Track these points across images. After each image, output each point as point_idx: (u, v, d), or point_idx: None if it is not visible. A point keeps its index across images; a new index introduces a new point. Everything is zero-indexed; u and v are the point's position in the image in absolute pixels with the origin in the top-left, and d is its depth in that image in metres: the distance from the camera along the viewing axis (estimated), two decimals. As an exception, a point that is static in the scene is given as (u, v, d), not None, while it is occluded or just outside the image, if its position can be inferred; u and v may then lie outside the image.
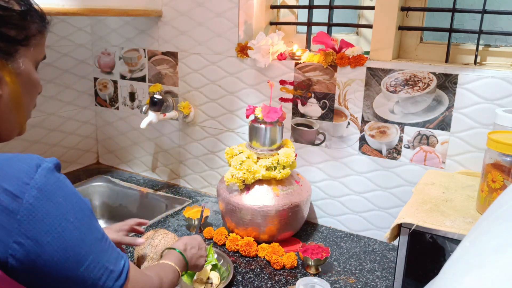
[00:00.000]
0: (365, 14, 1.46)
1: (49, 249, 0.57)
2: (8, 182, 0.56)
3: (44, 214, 0.57)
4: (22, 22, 0.66)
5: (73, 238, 0.59)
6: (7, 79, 0.65)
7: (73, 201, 0.61)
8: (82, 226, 0.61)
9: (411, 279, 0.95)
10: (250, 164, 1.25)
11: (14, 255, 0.55)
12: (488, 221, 0.51)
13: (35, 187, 0.57)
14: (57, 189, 0.60)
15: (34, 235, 0.56)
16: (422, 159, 1.27)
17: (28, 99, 0.71)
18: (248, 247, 1.25)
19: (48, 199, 0.58)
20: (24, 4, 0.67)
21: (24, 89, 0.69)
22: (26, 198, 0.56)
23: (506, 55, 1.25)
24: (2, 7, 0.63)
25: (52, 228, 0.57)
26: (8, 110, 0.68)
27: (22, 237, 0.55)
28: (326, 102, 1.38)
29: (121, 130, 1.88)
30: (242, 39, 1.50)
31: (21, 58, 0.67)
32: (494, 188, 0.91)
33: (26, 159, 0.59)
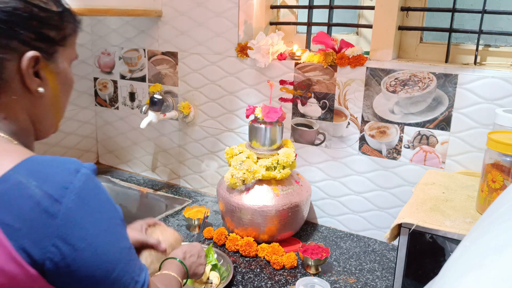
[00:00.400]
0: (365, 14, 1.46)
1: (84, 255, 0.57)
2: (49, 185, 0.56)
3: (80, 219, 0.58)
4: (60, 23, 0.68)
5: (106, 245, 0.60)
6: (48, 78, 0.68)
7: (107, 208, 0.62)
8: (114, 234, 0.62)
9: (411, 279, 0.95)
10: (250, 164, 1.25)
11: (52, 258, 0.56)
12: (488, 221, 0.51)
13: (74, 192, 0.57)
14: (94, 195, 0.60)
15: (71, 239, 0.56)
16: (422, 159, 1.27)
17: (64, 97, 0.74)
18: (248, 247, 1.25)
19: (85, 205, 0.58)
20: (60, 5, 0.69)
21: (62, 88, 0.72)
22: (65, 202, 0.56)
23: (506, 55, 1.25)
24: (42, 9, 0.65)
25: (87, 234, 0.58)
26: (48, 109, 0.71)
27: (59, 240, 0.56)
28: (326, 102, 1.38)
29: (121, 130, 1.88)
30: (242, 39, 1.50)
31: (59, 58, 0.69)
32: (494, 188, 0.91)
33: (66, 163, 0.60)
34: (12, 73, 0.64)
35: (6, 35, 0.62)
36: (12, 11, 0.62)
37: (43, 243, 0.55)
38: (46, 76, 0.68)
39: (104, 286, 0.60)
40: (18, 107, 0.67)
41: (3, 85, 0.64)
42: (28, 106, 0.68)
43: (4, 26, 0.62)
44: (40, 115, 0.70)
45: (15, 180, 0.56)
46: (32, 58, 0.64)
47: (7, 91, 0.65)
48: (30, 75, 0.65)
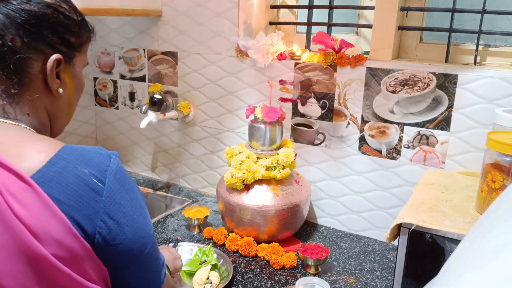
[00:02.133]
0: (365, 14, 1.46)
1: (126, 229, 0.64)
2: (92, 168, 0.63)
3: (120, 197, 0.64)
4: (79, 30, 0.75)
5: (141, 221, 0.67)
6: (67, 80, 0.75)
7: (135, 188, 0.69)
8: (144, 212, 0.69)
9: (411, 279, 0.95)
10: (249, 164, 1.25)
11: (101, 232, 0.62)
12: (488, 221, 0.51)
13: (112, 173, 0.64)
14: (126, 177, 0.67)
15: (115, 215, 0.63)
16: (422, 159, 1.27)
17: (76, 99, 0.81)
18: (247, 247, 1.25)
19: (121, 185, 0.65)
20: (80, 15, 0.77)
21: (76, 90, 0.79)
22: (107, 182, 0.63)
23: (506, 55, 1.25)
24: (67, 16, 0.72)
25: (126, 210, 0.65)
26: (63, 108, 0.77)
27: (106, 216, 0.62)
28: (326, 102, 1.38)
29: (121, 130, 1.88)
30: (242, 39, 1.50)
31: (76, 62, 0.76)
32: (493, 188, 0.91)
33: (99, 150, 0.66)
34: (36, 73, 0.69)
35: (35, 38, 0.67)
36: (42, 16, 0.68)
37: (93, 218, 0.61)
38: (65, 78, 0.74)
39: (139, 259, 0.68)
40: (39, 105, 0.72)
41: (28, 83, 0.69)
42: (48, 104, 0.74)
43: (33, 29, 0.67)
44: (56, 113, 0.76)
45: (63, 163, 0.62)
46: (56, 60, 0.70)
47: (31, 89, 0.70)
48: (52, 76, 0.71)
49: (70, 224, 0.59)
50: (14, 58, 0.66)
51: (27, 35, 0.67)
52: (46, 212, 0.58)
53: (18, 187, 0.58)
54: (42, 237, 0.58)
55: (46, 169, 0.61)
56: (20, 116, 0.70)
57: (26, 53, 0.67)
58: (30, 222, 0.57)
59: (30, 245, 0.57)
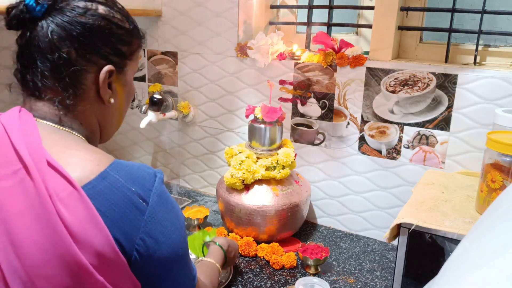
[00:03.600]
0: (365, 14, 1.46)
1: (163, 248, 0.65)
2: (138, 186, 0.64)
3: (161, 217, 0.66)
4: (131, 39, 0.75)
5: (178, 241, 0.68)
6: (118, 90, 0.75)
7: (176, 209, 0.70)
8: (182, 232, 0.70)
9: (411, 279, 0.95)
10: (249, 164, 1.25)
11: (138, 249, 0.63)
12: (488, 221, 0.51)
13: (156, 193, 0.65)
14: (168, 197, 0.68)
15: (154, 234, 0.64)
16: (422, 159, 1.27)
17: (127, 106, 0.82)
18: (247, 247, 1.25)
19: (164, 205, 0.66)
20: (132, 23, 0.76)
21: (126, 98, 0.80)
22: (150, 202, 0.64)
23: (506, 55, 1.25)
24: (119, 26, 0.72)
25: (166, 230, 0.66)
26: (113, 117, 0.78)
27: (145, 234, 0.63)
28: (326, 102, 1.38)
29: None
30: (241, 39, 1.50)
31: (128, 71, 0.77)
32: (493, 188, 0.91)
33: (145, 168, 0.67)
34: (90, 84, 0.70)
35: (88, 49, 0.68)
36: (97, 29, 0.69)
37: (133, 235, 0.63)
38: (116, 88, 0.75)
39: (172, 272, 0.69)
40: (91, 114, 0.73)
41: (82, 94, 0.70)
42: (99, 113, 0.74)
43: (88, 41, 0.68)
44: (107, 122, 0.77)
45: (112, 179, 0.63)
46: (108, 72, 0.71)
47: (85, 100, 0.71)
48: (105, 87, 0.72)
49: (111, 237, 0.60)
50: (69, 70, 0.67)
51: (82, 48, 0.67)
52: (91, 222, 0.59)
53: (68, 193, 0.59)
54: (83, 245, 0.59)
55: (96, 182, 0.62)
56: (74, 125, 0.71)
57: (81, 65, 0.68)
58: (74, 229, 0.59)
59: (71, 252, 0.58)
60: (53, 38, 0.66)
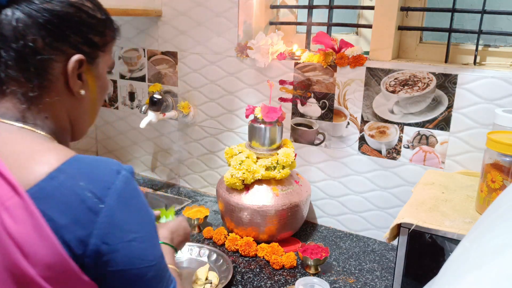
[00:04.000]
0: (365, 14, 1.46)
1: (117, 256, 0.59)
2: (93, 185, 0.58)
3: (120, 220, 0.59)
4: (103, 29, 0.72)
5: (139, 249, 0.61)
6: (89, 81, 0.71)
7: (144, 212, 0.63)
8: (148, 240, 0.63)
9: (411, 279, 0.95)
10: (249, 164, 1.25)
11: (90, 256, 0.57)
12: (488, 221, 0.51)
13: (116, 192, 0.59)
14: (133, 197, 0.62)
15: (109, 239, 0.58)
16: (422, 159, 1.27)
17: (100, 101, 0.77)
18: (247, 247, 1.25)
19: (125, 206, 0.60)
20: (104, 13, 0.73)
21: (99, 91, 0.75)
22: (107, 202, 0.58)
23: (506, 55, 1.25)
24: (91, 15, 0.69)
25: (124, 235, 0.59)
26: (86, 111, 0.74)
27: (99, 239, 0.57)
28: (326, 102, 1.38)
29: (121, 129, 1.88)
30: (241, 39, 1.50)
31: (100, 62, 0.73)
32: (493, 188, 0.91)
33: (108, 164, 0.61)
34: (57, 74, 0.66)
35: (57, 38, 0.65)
36: (65, 16, 0.65)
37: (85, 240, 0.57)
38: (88, 79, 0.71)
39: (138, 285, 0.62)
40: (60, 108, 0.69)
41: (48, 85, 0.66)
42: (69, 107, 0.70)
43: (56, 29, 0.64)
44: (78, 116, 0.73)
45: (63, 178, 0.57)
46: (77, 61, 0.67)
47: (52, 92, 0.67)
48: (74, 77, 0.68)
49: (59, 246, 0.55)
50: (35, 60, 0.64)
51: (49, 36, 0.64)
52: (36, 231, 0.55)
53: (14, 201, 0.55)
54: (31, 257, 0.55)
55: (44, 183, 0.57)
56: (38, 121, 0.66)
57: (48, 54, 0.64)
58: (21, 240, 0.54)
59: (19, 265, 0.54)
60: (18, 26, 0.62)
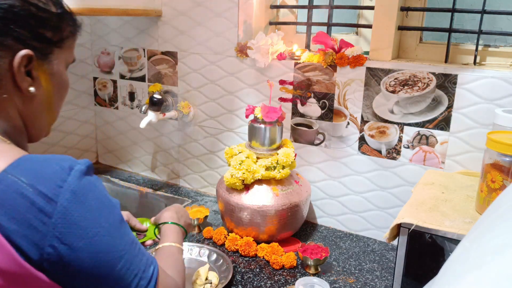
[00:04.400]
0: (365, 14, 1.46)
1: (81, 254, 0.57)
2: (43, 185, 0.56)
3: (77, 217, 0.57)
4: (58, 24, 0.68)
5: (104, 243, 0.59)
6: (42, 79, 0.67)
7: (105, 204, 0.61)
8: (113, 231, 0.61)
9: (410, 279, 0.95)
10: (249, 164, 1.25)
11: (49, 259, 0.55)
12: (488, 221, 0.51)
13: (69, 189, 0.57)
14: (90, 192, 0.59)
15: (68, 239, 0.56)
16: (422, 159, 1.27)
17: (58, 99, 0.73)
18: (247, 247, 1.25)
19: (81, 203, 0.58)
20: (60, 7, 0.69)
21: (55, 90, 0.71)
22: (60, 201, 0.56)
23: (506, 55, 1.25)
24: (41, 9, 0.65)
25: (85, 233, 0.57)
26: (41, 110, 0.70)
27: (56, 241, 0.55)
28: (326, 102, 1.38)
29: (121, 129, 1.88)
30: (241, 38, 1.50)
31: (55, 59, 0.69)
32: (493, 188, 0.91)
33: (60, 161, 0.59)
34: (3, 71, 0.63)
35: (0, 32, 0.61)
36: (8, 8, 0.62)
37: (40, 244, 0.54)
38: (39, 76, 0.67)
39: (107, 283, 0.60)
40: (9, 106, 0.66)
41: None
42: (20, 105, 0.67)
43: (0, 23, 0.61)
44: (32, 116, 0.69)
45: (10, 181, 0.55)
46: (24, 57, 0.63)
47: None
48: (21, 74, 0.64)
49: (12, 252, 0.53)
50: None
51: None
52: None
53: None
54: None
55: None
56: None
57: None
58: None
59: None
60: None
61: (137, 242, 0.66)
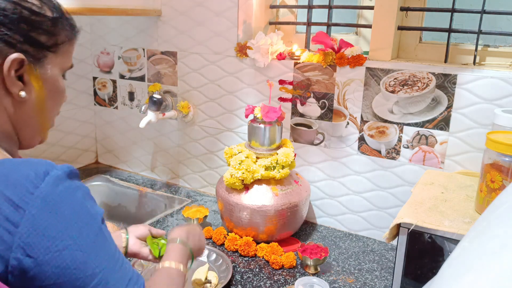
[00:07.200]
0: (365, 14, 1.46)
1: (47, 269, 0.52)
2: (12, 191, 0.52)
3: (45, 227, 0.52)
4: (53, 29, 0.66)
5: (75, 258, 0.54)
6: (34, 83, 0.65)
7: (80, 214, 0.56)
8: (86, 245, 0.55)
9: (410, 279, 0.95)
10: (249, 163, 1.25)
11: (12, 272, 0.51)
12: (487, 221, 0.51)
13: (40, 196, 0.53)
14: (64, 200, 0.55)
15: (33, 251, 0.51)
16: (421, 159, 1.27)
17: (51, 106, 0.71)
18: (247, 247, 1.25)
19: (51, 211, 0.53)
20: (57, 11, 0.67)
21: (49, 95, 0.69)
22: (29, 209, 0.52)
23: (505, 55, 1.25)
24: (35, 12, 0.64)
25: (52, 245, 0.52)
26: (32, 115, 0.67)
27: (20, 253, 0.51)
28: (325, 102, 1.38)
29: (120, 129, 1.88)
30: (241, 38, 1.50)
31: (49, 64, 0.67)
32: (492, 188, 0.91)
33: (35, 165, 0.55)
34: None
35: None
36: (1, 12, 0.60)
37: (4, 255, 0.51)
38: (31, 81, 0.65)
39: None
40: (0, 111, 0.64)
41: None
42: (10, 110, 0.65)
43: None
44: (23, 121, 0.67)
45: None
46: (15, 60, 0.62)
47: None
48: (12, 78, 0.62)
49: None
50: None
51: None
52: None
53: None
54: None
55: None
56: None
57: None
58: None
59: None
60: None
61: (121, 258, 0.60)
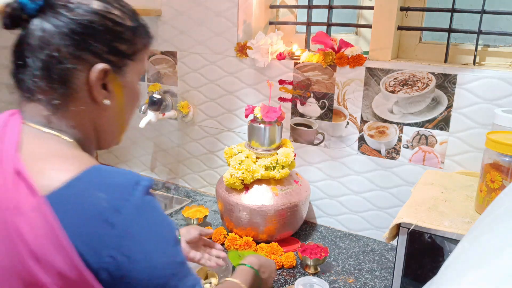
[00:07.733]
0: (364, 14, 1.46)
1: (138, 267, 0.57)
2: (111, 196, 0.57)
3: (138, 231, 0.58)
4: (132, 38, 0.70)
5: (160, 259, 0.60)
6: (116, 91, 0.69)
7: (164, 223, 0.62)
8: (168, 249, 0.62)
9: (410, 279, 0.95)
10: (249, 163, 1.25)
11: (107, 268, 0.56)
12: (487, 221, 0.51)
13: (133, 203, 0.58)
14: (152, 209, 0.60)
15: (127, 251, 0.56)
16: (421, 159, 1.27)
17: (129, 111, 0.76)
18: (247, 247, 1.25)
19: (143, 218, 0.59)
20: (136, 20, 0.71)
21: (127, 101, 0.73)
22: (124, 213, 0.57)
23: (505, 55, 1.25)
24: (117, 23, 0.67)
25: (143, 247, 0.58)
26: (112, 120, 0.72)
27: (116, 251, 0.56)
28: (325, 102, 1.38)
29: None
30: (241, 38, 1.50)
31: (129, 71, 0.71)
32: (492, 188, 0.91)
33: (127, 175, 0.60)
34: (81, 84, 0.65)
35: (79, 47, 0.64)
36: (88, 24, 0.64)
37: (100, 252, 0.55)
38: (114, 89, 0.69)
39: None
40: (85, 117, 0.68)
41: (72, 94, 0.65)
42: (94, 116, 0.69)
43: (78, 37, 0.63)
44: (104, 125, 0.71)
45: (80, 188, 0.57)
46: (101, 71, 0.65)
47: (77, 101, 0.66)
48: (98, 87, 0.66)
49: (73, 255, 0.54)
50: (59, 69, 0.63)
51: (72, 45, 0.63)
52: (51, 239, 0.54)
53: (32, 207, 0.55)
54: (45, 265, 0.54)
55: (63, 191, 0.56)
56: (64, 127, 0.66)
57: (71, 63, 0.64)
58: (34, 248, 0.54)
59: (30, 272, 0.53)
60: (43, 36, 0.63)
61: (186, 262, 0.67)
